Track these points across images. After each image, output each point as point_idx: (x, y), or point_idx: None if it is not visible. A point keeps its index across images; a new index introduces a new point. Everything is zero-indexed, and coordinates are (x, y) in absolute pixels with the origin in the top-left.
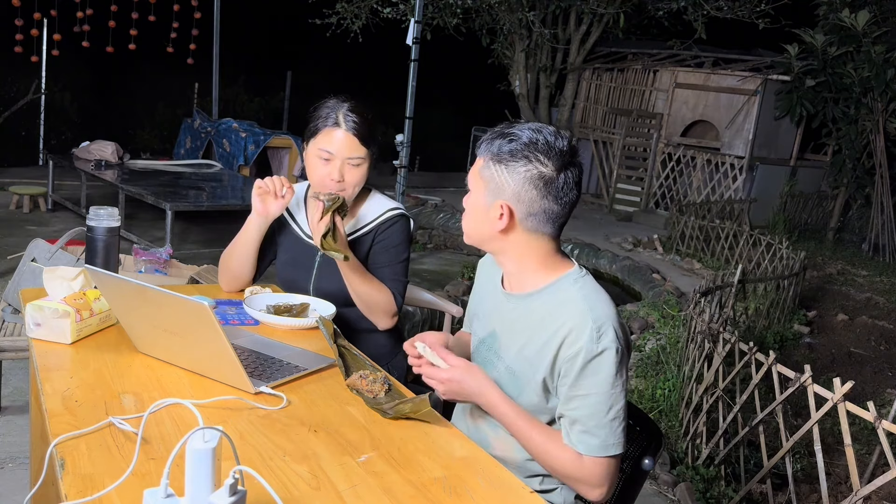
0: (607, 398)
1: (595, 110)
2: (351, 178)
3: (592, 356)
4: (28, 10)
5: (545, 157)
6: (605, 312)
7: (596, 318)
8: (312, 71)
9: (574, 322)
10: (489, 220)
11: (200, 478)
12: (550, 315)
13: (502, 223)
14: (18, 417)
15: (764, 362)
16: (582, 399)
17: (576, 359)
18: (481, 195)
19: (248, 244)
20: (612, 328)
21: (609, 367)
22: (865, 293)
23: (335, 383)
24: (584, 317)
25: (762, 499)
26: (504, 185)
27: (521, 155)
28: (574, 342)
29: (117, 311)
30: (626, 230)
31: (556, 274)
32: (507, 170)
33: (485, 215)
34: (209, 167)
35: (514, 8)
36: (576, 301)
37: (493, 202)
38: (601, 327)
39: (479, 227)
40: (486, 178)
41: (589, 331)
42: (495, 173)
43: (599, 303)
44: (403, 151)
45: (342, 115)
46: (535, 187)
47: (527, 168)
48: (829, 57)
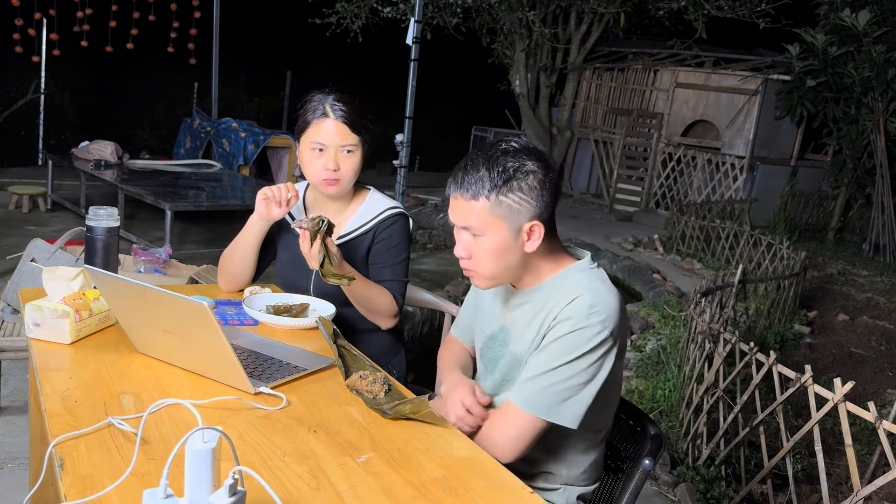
0: (571, 369)
1: (595, 110)
2: (346, 167)
3: (577, 328)
4: (28, 10)
5: (535, 160)
6: (605, 298)
7: (594, 301)
8: (312, 71)
9: (570, 299)
10: (517, 247)
11: (200, 478)
12: (552, 298)
13: (534, 242)
14: (18, 417)
15: (764, 362)
16: (545, 358)
17: (559, 326)
18: (501, 232)
19: (249, 246)
20: (606, 313)
21: (588, 343)
22: (866, 293)
23: (335, 383)
24: (582, 298)
25: (763, 499)
26: (525, 207)
27: (522, 171)
28: (566, 317)
29: (117, 311)
30: (626, 230)
31: (564, 265)
32: (520, 192)
33: (511, 246)
34: (209, 167)
35: (514, 7)
36: (580, 284)
37: (518, 228)
38: (596, 305)
39: (505, 262)
40: (502, 213)
41: (586, 306)
42: (511, 202)
43: (603, 290)
44: (403, 151)
45: (329, 105)
46: (546, 189)
47: (534, 177)
48: (830, 57)
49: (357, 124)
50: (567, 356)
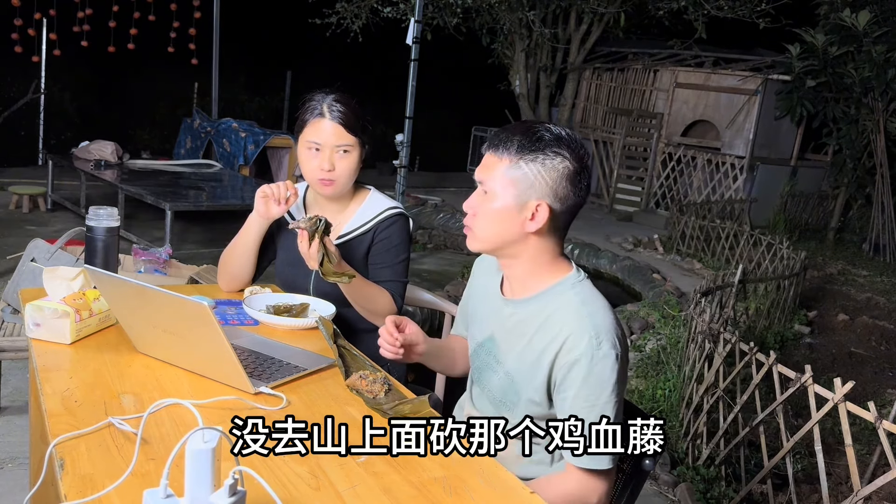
0: (609, 407)
1: (595, 110)
2: (341, 167)
3: (594, 364)
4: (28, 10)
5: (572, 152)
6: (603, 318)
7: (595, 325)
8: (312, 71)
9: (572, 328)
10: (518, 221)
11: (200, 478)
12: (549, 319)
13: (536, 224)
14: (18, 417)
15: (764, 362)
16: (587, 411)
17: (575, 366)
18: (508, 196)
19: (248, 244)
20: (611, 334)
21: (610, 375)
22: (866, 293)
23: (335, 383)
24: (582, 322)
25: (763, 499)
26: (539, 183)
27: (553, 150)
28: (572, 348)
29: (117, 311)
30: (626, 230)
31: (555, 278)
32: (542, 167)
33: (513, 217)
34: (209, 167)
35: (514, 7)
36: (574, 306)
37: (525, 202)
38: (600, 333)
39: (502, 230)
40: (516, 177)
41: (588, 337)
42: (529, 172)
43: (598, 308)
44: (403, 151)
45: (326, 105)
46: (570, 182)
47: (563, 164)
48: (830, 57)
49: (353, 125)
50: (600, 398)
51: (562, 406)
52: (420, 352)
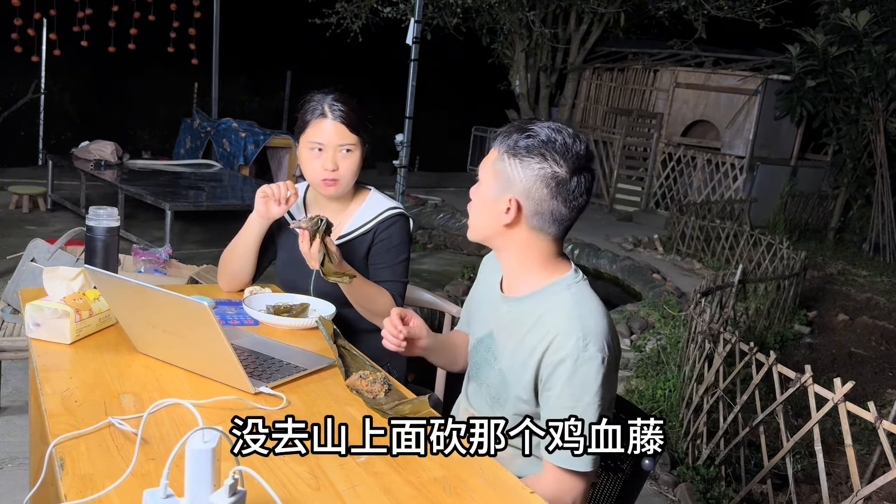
0: (591, 411)
1: (595, 110)
2: (344, 167)
3: (578, 365)
4: (28, 10)
5: (560, 158)
6: (594, 321)
7: (584, 326)
8: (312, 71)
9: (561, 328)
10: (495, 213)
11: (200, 478)
12: (541, 319)
13: (508, 217)
14: (18, 417)
15: (764, 362)
16: (567, 412)
17: (560, 366)
18: (491, 187)
19: (248, 244)
20: (599, 338)
21: (595, 378)
22: (866, 293)
23: (335, 383)
24: (571, 323)
25: (763, 499)
26: (515, 180)
27: (537, 152)
28: (559, 348)
29: (117, 311)
30: (626, 230)
31: (552, 277)
32: (520, 164)
33: (491, 208)
34: (209, 167)
35: (514, 7)
36: (567, 306)
37: (501, 195)
38: (588, 336)
39: (485, 219)
40: (499, 170)
41: (575, 339)
42: (508, 166)
43: (590, 310)
44: (403, 151)
45: (327, 105)
46: (547, 186)
47: (541, 166)
48: (830, 57)
49: (355, 124)
50: (582, 400)
51: (545, 405)
52: (423, 346)
